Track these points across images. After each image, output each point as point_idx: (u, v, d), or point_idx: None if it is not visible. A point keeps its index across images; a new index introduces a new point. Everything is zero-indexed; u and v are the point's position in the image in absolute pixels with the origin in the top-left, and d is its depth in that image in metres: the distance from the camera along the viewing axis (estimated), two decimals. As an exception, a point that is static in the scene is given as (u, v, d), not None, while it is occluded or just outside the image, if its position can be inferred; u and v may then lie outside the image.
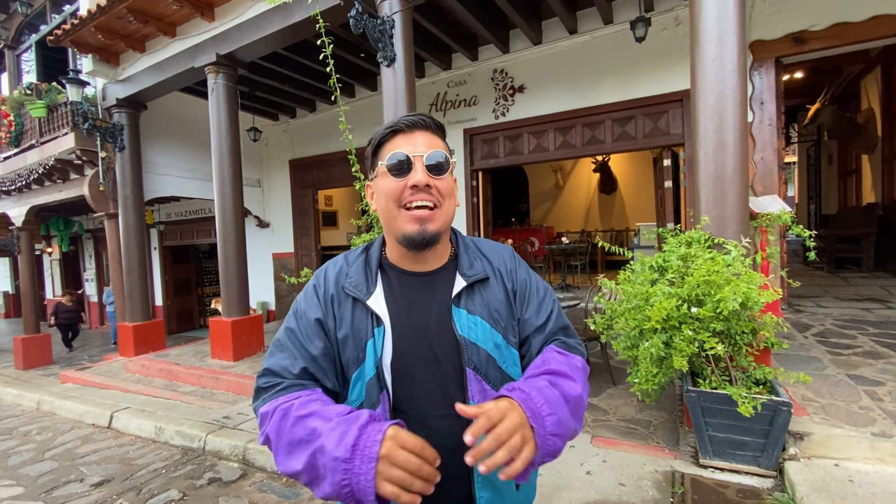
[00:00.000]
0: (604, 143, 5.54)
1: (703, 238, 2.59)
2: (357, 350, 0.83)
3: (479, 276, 0.89)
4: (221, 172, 5.21)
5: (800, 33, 4.32)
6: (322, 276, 0.92)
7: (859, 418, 2.52)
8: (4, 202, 7.78)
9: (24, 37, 8.71)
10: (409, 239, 0.83)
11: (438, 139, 0.88)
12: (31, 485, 3.22)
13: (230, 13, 4.87)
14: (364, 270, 0.89)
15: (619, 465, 2.55)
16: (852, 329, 4.04)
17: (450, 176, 0.86)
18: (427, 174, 0.82)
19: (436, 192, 0.83)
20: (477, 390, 0.84)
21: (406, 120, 0.86)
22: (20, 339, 7.36)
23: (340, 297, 0.87)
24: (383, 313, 0.85)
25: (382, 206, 0.86)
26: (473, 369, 0.84)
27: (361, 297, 0.86)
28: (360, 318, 0.85)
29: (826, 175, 9.33)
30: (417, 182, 0.81)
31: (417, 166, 0.83)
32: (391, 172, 0.83)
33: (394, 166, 0.83)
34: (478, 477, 0.83)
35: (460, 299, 0.87)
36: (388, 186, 0.84)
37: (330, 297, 0.88)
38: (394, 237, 0.87)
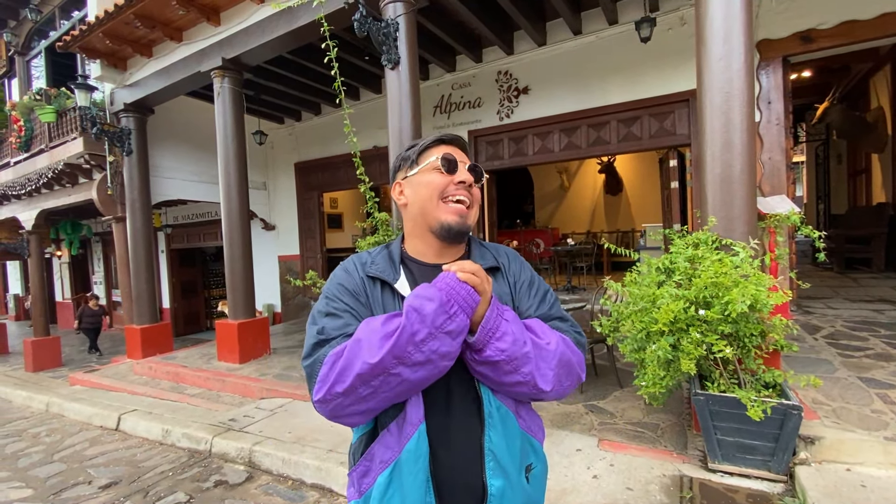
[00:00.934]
0: (609, 144, 5.51)
1: (711, 239, 2.56)
2: None
3: (490, 265, 0.99)
4: (227, 175, 5.24)
5: (807, 32, 4.28)
6: (350, 263, 1.00)
7: (871, 422, 2.48)
8: (14, 206, 7.88)
9: (33, 43, 8.83)
10: (447, 227, 0.93)
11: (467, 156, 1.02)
12: (40, 486, 3.24)
13: (236, 18, 4.91)
14: (388, 261, 0.98)
15: (626, 468, 2.53)
16: (863, 331, 3.98)
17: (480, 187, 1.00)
18: (471, 176, 0.96)
19: (474, 194, 0.97)
20: None
21: (448, 136, 1.00)
22: (30, 342, 7.43)
23: (368, 283, 0.95)
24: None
25: (423, 196, 0.95)
26: None
27: (390, 280, 0.94)
28: (389, 301, 0.93)
29: (835, 175, 9.22)
30: (465, 178, 0.94)
31: (462, 167, 0.96)
32: (442, 167, 0.94)
33: (445, 163, 0.94)
34: (489, 464, 0.87)
35: None
36: (433, 180, 0.94)
37: (361, 280, 0.95)
38: (428, 227, 0.96)
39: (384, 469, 0.85)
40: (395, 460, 0.85)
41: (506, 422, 0.89)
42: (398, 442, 0.85)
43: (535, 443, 0.97)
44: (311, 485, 2.89)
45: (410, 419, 0.85)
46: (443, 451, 0.88)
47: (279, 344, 6.03)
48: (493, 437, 0.88)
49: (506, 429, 0.89)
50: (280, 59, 5.61)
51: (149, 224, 6.46)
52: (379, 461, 0.87)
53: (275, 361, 5.24)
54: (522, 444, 0.93)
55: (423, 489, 0.85)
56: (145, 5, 4.82)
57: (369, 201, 3.75)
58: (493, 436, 0.88)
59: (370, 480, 0.87)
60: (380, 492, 0.85)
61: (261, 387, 4.48)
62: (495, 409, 0.89)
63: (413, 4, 3.79)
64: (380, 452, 0.87)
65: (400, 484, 0.84)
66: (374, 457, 0.88)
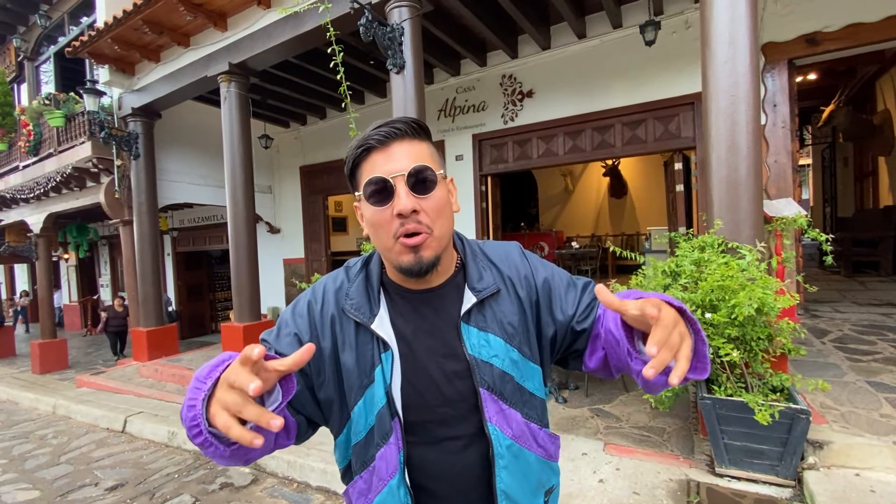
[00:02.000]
0: (614, 147, 5.51)
1: (717, 242, 2.55)
2: (361, 377, 0.78)
3: (490, 291, 0.82)
4: (233, 179, 5.28)
5: (813, 34, 4.26)
6: (321, 292, 0.84)
7: (881, 426, 2.46)
8: (23, 209, 7.96)
9: (42, 48, 8.94)
10: (406, 270, 0.76)
11: (421, 144, 0.76)
12: (47, 488, 3.26)
13: (242, 23, 4.95)
14: (366, 291, 0.82)
15: (632, 473, 2.51)
16: (871, 334, 3.95)
17: (440, 189, 0.75)
18: (412, 196, 0.72)
19: (424, 217, 0.73)
20: (493, 410, 0.79)
21: (377, 134, 0.74)
22: (37, 344, 7.49)
23: (343, 319, 0.81)
24: (390, 338, 0.79)
25: (372, 235, 0.78)
26: (487, 389, 0.79)
27: (365, 321, 0.79)
28: (365, 343, 0.79)
29: (841, 177, 9.17)
30: (402, 210, 0.71)
31: (399, 189, 0.72)
32: (370, 201, 0.74)
33: (372, 194, 0.73)
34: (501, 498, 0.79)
35: (470, 316, 0.81)
36: (372, 217, 0.75)
37: (330, 317, 0.81)
38: (390, 265, 0.80)
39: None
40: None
41: (520, 458, 0.81)
42: (370, 491, 0.79)
43: (555, 465, 0.89)
44: (316, 487, 2.90)
45: (380, 473, 0.78)
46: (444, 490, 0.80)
47: (284, 347, 6.03)
48: (504, 477, 0.80)
49: (519, 465, 0.81)
50: (286, 64, 5.65)
51: (155, 227, 6.51)
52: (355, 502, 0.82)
53: (280, 364, 5.26)
54: (540, 474, 0.85)
55: None
56: (153, 11, 4.88)
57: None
58: (504, 476, 0.79)
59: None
60: None
61: (266, 389, 4.48)
62: (505, 448, 0.79)
63: (418, 9, 3.81)
64: (354, 497, 0.82)
65: None
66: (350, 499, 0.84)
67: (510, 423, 0.80)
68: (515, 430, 0.81)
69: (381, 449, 0.78)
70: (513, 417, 0.81)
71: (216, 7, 4.91)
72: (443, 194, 0.76)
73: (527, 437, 0.82)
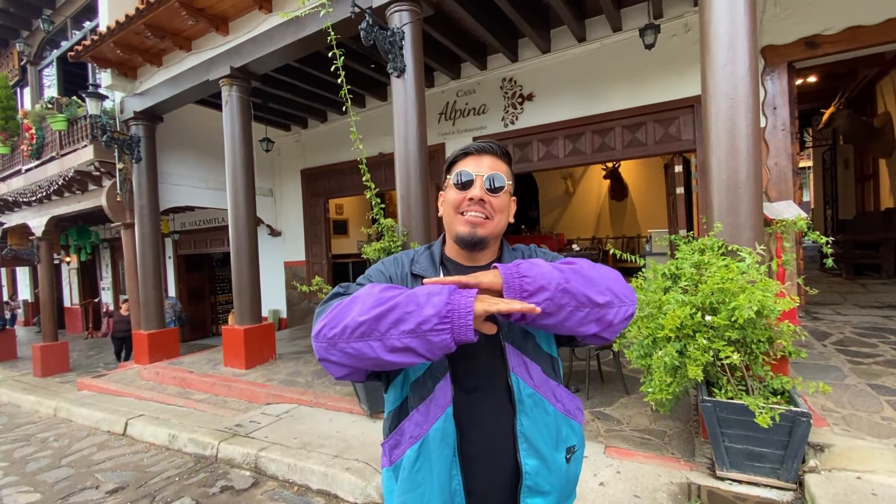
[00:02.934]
0: (614, 150, 5.52)
1: (717, 245, 2.56)
2: None
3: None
4: (235, 182, 5.29)
5: (812, 37, 4.28)
6: (400, 257, 1.09)
7: (882, 429, 2.45)
8: (25, 213, 7.99)
9: (45, 52, 8.99)
10: (461, 238, 0.99)
11: (503, 164, 1.03)
12: (47, 491, 3.26)
13: (244, 27, 4.98)
14: (430, 261, 1.06)
15: (633, 476, 2.51)
16: (873, 337, 3.94)
17: (505, 195, 1.01)
18: (484, 191, 0.98)
19: (489, 207, 0.98)
20: (516, 362, 0.96)
21: (476, 145, 1.03)
22: (38, 347, 7.50)
23: (411, 279, 1.03)
24: None
25: (446, 212, 1.03)
26: (511, 343, 0.97)
27: (430, 275, 0.99)
28: None
29: (842, 180, 9.17)
30: (474, 196, 0.97)
31: (477, 184, 0.98)
32: (455, 186, 1.00)
33: (458, 181, 1.01)
34: (522, 446, 0.94)
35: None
36: (451, 197, 1.01)
37: (405, 273, 1.04)
38: (451, 237, 1.04)
39: (413, 444, 0.94)
40: (423, 437, 0.93)
41: (539, 407, 0.96)
42: (426, 421, 0.93)
43: (576, 424, 1.02)
44: (316, 490, 2.89)
45: (438, 402, 0.94)
46: (475, 433, 0.95)
47: (285, 349, 6.04)
48: (524, 421, 0.94)
49: (538, 414, 0.96)
50: (287, 68, 5.68)
51: (157, 230, 6.53)
52: (409, 436, 0.95)
53: (280, 367, 5.26)
54: (559, 427, 0.98)
55: (448, 465, 0.93)
56: (156, 16, 4.91)
57: (375, 207, 3.78)
58: (524, 420, 0.94)
59: (399, 452, 0.96)
60: (409, 463, 0.94)
61: (267, 392, 4.49)
62: (526, 395, 0.95)
63: (419, 13, 3.83)
64: (409, 428, 0.96)
65: (428, 458, 0.93)
66: (404, 431, 0.97)
67: (531, 373, 0.97)
68: (536, 380, 0.97)
69: (439, 381, 0.95)
70: (534, 369, 0.98)
71: (218, 11, 4.94)
72: (505, 201, 1.02)
73: (547, 388, 0.98)
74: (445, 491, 0.93)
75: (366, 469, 2.86)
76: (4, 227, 8.60)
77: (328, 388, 4.40)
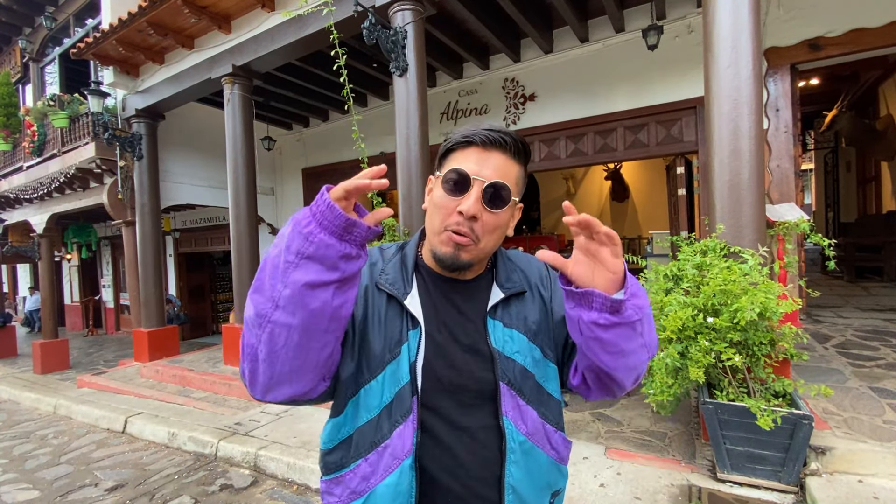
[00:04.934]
0: (616, 151, 5.51)
1: (719, 247, 2.55)
2: (385, 351, 0.79)
3: (517, 290, 0.86)
4: (236, 181, 5.29)
5: (815, 39, 4.27)
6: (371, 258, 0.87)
7: (884, 433, 2.44)
8: (26, 210, 7.99)
9: (48, 50, 8.99)
10: (439, 259, 0.80)
11: (516, 165, 0.80)
12: (47, 489, 3.26)
13: (246, 26, 4.98)
14: (401, 270, 0.85)
15: (633, 478, 2.50)
16: (874, 340, 3.93)
17: (506, 212, 0.78)
18: (480, 204, 0.75)
19: (478, 227, 0.76)
20: (511, 405, 0.80)
21: (485, 135, 0.77)
22: (38, 344, 7.50)
23: (374, 292, 0.82)
24: (419, 315, 0.81)
25: (429, 212, 0.82)
26: (507, 384, 0.81)
27: (398, 295, 0.81)
28: (394, 318, 0.81)
29: (844, 182, 9.15)
30: (465, 210, 0.74)
31: (474, 192, 0.75)
32: (444, 186, 0.77)
33: (449, 181, 0.76)
34: (509, 497, 0.79)
35: (496, 311, 0.84)
36: (438, 199, 0.79)
37: (364, 288, 0.82)
38: (429, 248, 0.85)
39: (354, 500, 0.77)
40: (370, 492, 0.76)
41: (530, 455, 0.81)
42: (374, 474, 0.76)
43: (564, 468, 0.89)
44: (316, 490, 2.89)
45: (394, 451, 0.76)
46: (449, 489, 0.78)
47: (285, 348, 6.03)
48: (514, 472, 0.80)
49: (529, 463, 0.81)
50: (289, 66, 5.67)
51: (158, 228, 6.52)
52: (349, 491, 0.78)
53: (280, 366, 5.25)
54: (549, 475, 0.85)
55: None
56: (158, 14, 4.91)
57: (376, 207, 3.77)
58: (514, 471, 0.80)
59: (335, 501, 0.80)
60: None
61: (266, 391, 4.48)
62: (518, 444, 0.80)
63: (421, 13, 3.83)
64: (352, 481, 0.78)
65: None
66: (344, 482, 0.79)
67: (526, 419, 0.81)
68: (530, 427, 0.82)
69: (399, 427, 0.76)
70: (529, 415, 0.82)
71: (220, 10, 4.93)
72: (505, 217, 0.79)
73: (541, 436, 0.83)
74: None
75: (365, 469, 2.86)
76: (6, 223, 8.60)
77: (328, 387, 4.40)
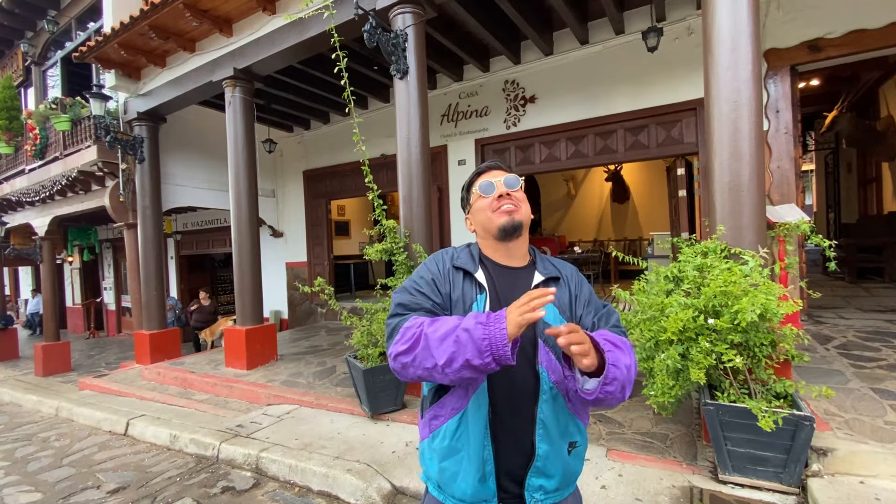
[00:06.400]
0: (616, 153, 5.52)
1: (720, 248, 2.55)
2: (465, 307, 1.11)
3: (553, 275, 1.19)
4: (237, 183, 5.31)
5: (815, 41, 4.28)
6: (440, 255, 1.23)
7: (885, 434, 2.44)
8: (28, 212, 8.02)
9: (49, 53, 9.03)
10: (502, 227, 1.14)
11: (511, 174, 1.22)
12: (49, 491, 3.26)
13: (247, 29, 5.00)
14: (470, 256, 1.20)
15: (635, 479, 2.50)
16: (876, 341, 3.92)
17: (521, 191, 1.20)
18: (505, 188, 1.17)
19: (514, 199, 1.17)
20: (545, 358, 1.10)
21: (485, 166, 1.25)
22: (40, 347, 7.51)
23: (453, 272, 1.18)
24: (485, 283, 1.14)
25: (479, 218, 1.20)
26: (544, 342, 1.10)
27: (471, 270, 1.16)
28: (468, 286, 1.15)
29: (845, 183, 9.15)
30: (500, 191, 1.17)
31: (499, 186, 1.18)
32: (482, 193, 1.19)
33: (483, 189, 1.20)
34: (539, 430, 1.07)
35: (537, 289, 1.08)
36: (482, 204, 1.19)
37: (447, 269, 1.18)
38: (491, 235, 1.18)
39: (454, 415, 1.09)
40: (464, 409, 1.08)
41: (556, 400, 1.09)
42: (466, 395, 1.08)
43: (580, 424, 1.15)
44: (317, 492, 2.89)
45: (477, 380, 1.07)
46: (503, 412, 1.09)
47: (286, 350, 6.04)
48: (544, 409, 1.08)
49: (555, 406, 1.09)
50: (290, 69, 5.69)
51: (159, 231, 6.54)
52: (450, 408, 1.10)
53: (282, 368, 5.26)
54: (568, 422, 1.11)
55: (482, 433, 1.07)
56: (160, 17, 4.93)
57: (377, 209, 3.78)
58: (544, 408, 1.08)
59: (439, 423, 1.11)
60: (450, 432, 1.09)
61: (268, 393, 4.49)
62: (548, 388, 1.08)
63: (422, 15, 3.84)
64: (450, 402, 1.10)
65: (466, 428, 1.08)
66: (444, 404, 1.11)
67: (554, 370, 1.09)
68: (557, 376, 1.08)
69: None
70: (555, 367, 1.09)
71: (222, 13, 4.96)
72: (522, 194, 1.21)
73: (563, 387, 1.08)
74: (479, 458, 1.06)
75: (367, 470, 2.86)
76: (8, 226, 8.63)
77: (329, 389, 4.40)
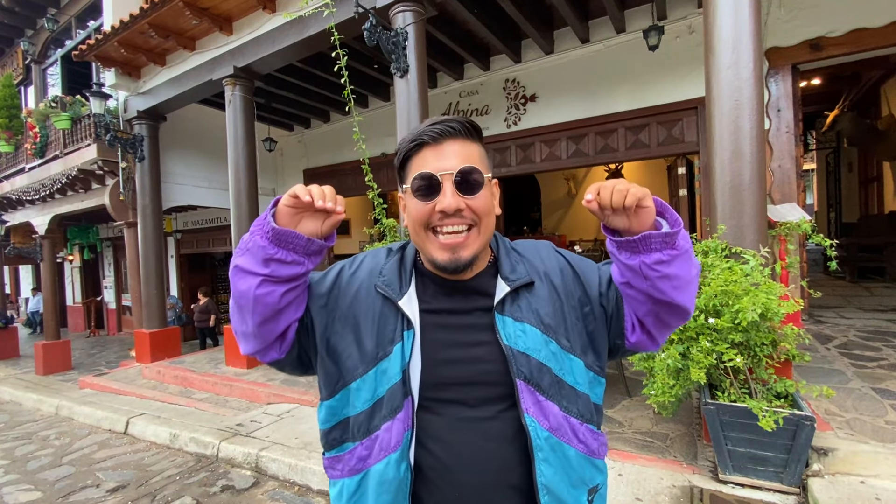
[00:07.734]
0: (617, 152, 5.51)
1: (721, 247, 2.55)
2: (378, 348, 0.80)
3: (524, 281, 0.82)
4: (237, 182, 5.30)
5: (817, 40, 4.26)
6: (359, 260, 0.90)
7: (886, 434, 2.44)
8: (28, 211, 8.01)
9: (49, 51, 9.03)
10: (440, 268, 0.79)
11: (473, 145, 0.78)
12: (48, 489, 3.26)
13: (247, 27, 4.99)
14: (398, 270, 0.85)
15: (635, 479, 2.50)
16: (877, 341, 3.92)
17: (485, 191, 0.77)
18: (457, 195, 0.74)
19: (469, 214, 0.76)
20: (530, 401, 0.78)
21: (431, 131, 0.76)
22: (41, 345, 7.51)
23: (371, 291, 0.83)
24: (414, 317, 0.80)
25: (411, 228, 0.81)
26: (524, 380, 0.78)
27: (393, 296, 0.81)
28: (388, 317, 0.81)
29: (846, 183, 9.13)
30: (446, 208, 0.74)
31: (446, 187, 0.74)
32: (416, 195, 0.76)
33: (419, 188, 0.75)
34: (544, 499, 0.77)
35: (504, 306, 0.81)
36: (415, 209, 0.77)
37: (359, 283, 0.85)
38: (425, 259, 0.83)
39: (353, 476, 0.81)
40: (366, 471, 0.79)
41: (557, 452, 0.79)
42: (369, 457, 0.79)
43: (600, 462, 0.86)
44: (317, 491, 2.89)
45: (382, 442, 0.77)
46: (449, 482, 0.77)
47: (286, 349, 6.04)
48: (545, 470, 0.77)
49: (559, 459, 0.79)
50: (290, 68, 5.68)
51: (159, 229, 6.54)
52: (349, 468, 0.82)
53: (282, 367, 5.26)
54: (582, 470, 0.82)
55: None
56: (160, 15, 4.92)
57: (377, 208, 3.77)
58: (545, 469, 0.77)
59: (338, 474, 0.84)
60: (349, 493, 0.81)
61: (268, 392, 4.49)
62: (543, 440, 0.78)
63: (422, 14, 3.83)
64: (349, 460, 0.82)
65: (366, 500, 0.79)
66: (342, 459, 0.83)
67: (547, 415, 0.79)
68: (552, 422, 0.79)
69: (387, 422, 0.78)
70: (550, 410, 0.79)
71: (222, 11, 4.94)
72: (487, 196, 0.78)
73: (565, 430, 0.80)
74: None
75: (366, 470, 2.86)
76: (8, 225, 8.62)
77: (329, 388, 4.40)
